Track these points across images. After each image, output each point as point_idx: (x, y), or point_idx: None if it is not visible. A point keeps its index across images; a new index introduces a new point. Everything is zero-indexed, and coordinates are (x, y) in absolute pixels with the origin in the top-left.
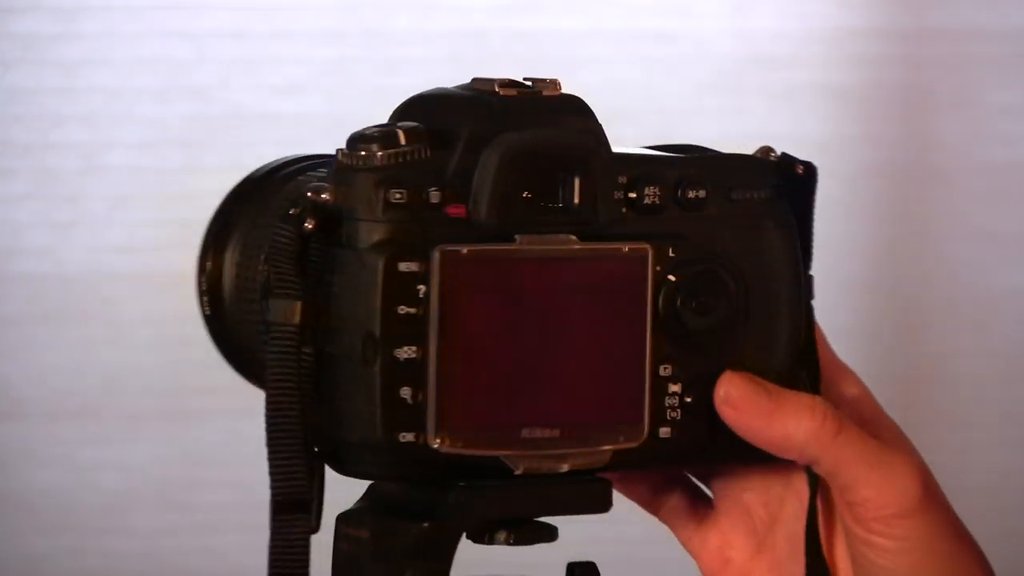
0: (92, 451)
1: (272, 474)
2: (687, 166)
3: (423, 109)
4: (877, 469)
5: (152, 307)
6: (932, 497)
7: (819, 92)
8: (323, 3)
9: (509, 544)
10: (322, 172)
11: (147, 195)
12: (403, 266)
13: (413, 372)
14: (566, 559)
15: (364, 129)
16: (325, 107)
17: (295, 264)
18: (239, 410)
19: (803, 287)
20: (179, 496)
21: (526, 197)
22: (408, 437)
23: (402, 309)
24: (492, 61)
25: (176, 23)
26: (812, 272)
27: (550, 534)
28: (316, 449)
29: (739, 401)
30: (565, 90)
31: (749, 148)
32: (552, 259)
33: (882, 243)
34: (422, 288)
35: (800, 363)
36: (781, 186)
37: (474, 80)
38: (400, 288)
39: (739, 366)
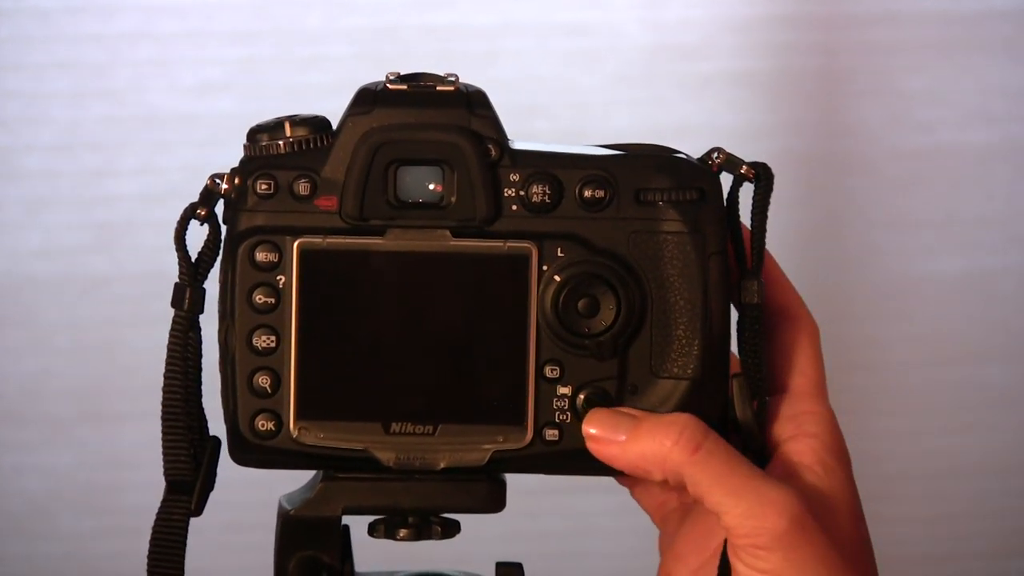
0: (14, 456)
1: (163, 455)
2: (592, 165)
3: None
4: (739, 499)
5: (72, 311)
6: (802, 531)
7: (734, 81)
8: (235, 3)
9: (402, 540)
10: None
11: (64, 198)
12: (260, 255)
13: (270, 360)
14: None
15: (263, 121)
16: (240, 107)
17: (185, 250)
18: (160, 413)
19: (719, 292)
20: (102, 500)
21: (399, 191)
22: (268, 425)
23: (259, 298)
24: (406, 58)
25: (88, 26)
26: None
27: (449, 530)
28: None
29: (599, 433)
30: (477, 84)
31: (665, 139)
32: (422, 255)
33: (801, 231)
34: (281, 278)
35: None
36: (711, 190)
37: (387, 74)
38: (257, 277)
39: (638, 372)
